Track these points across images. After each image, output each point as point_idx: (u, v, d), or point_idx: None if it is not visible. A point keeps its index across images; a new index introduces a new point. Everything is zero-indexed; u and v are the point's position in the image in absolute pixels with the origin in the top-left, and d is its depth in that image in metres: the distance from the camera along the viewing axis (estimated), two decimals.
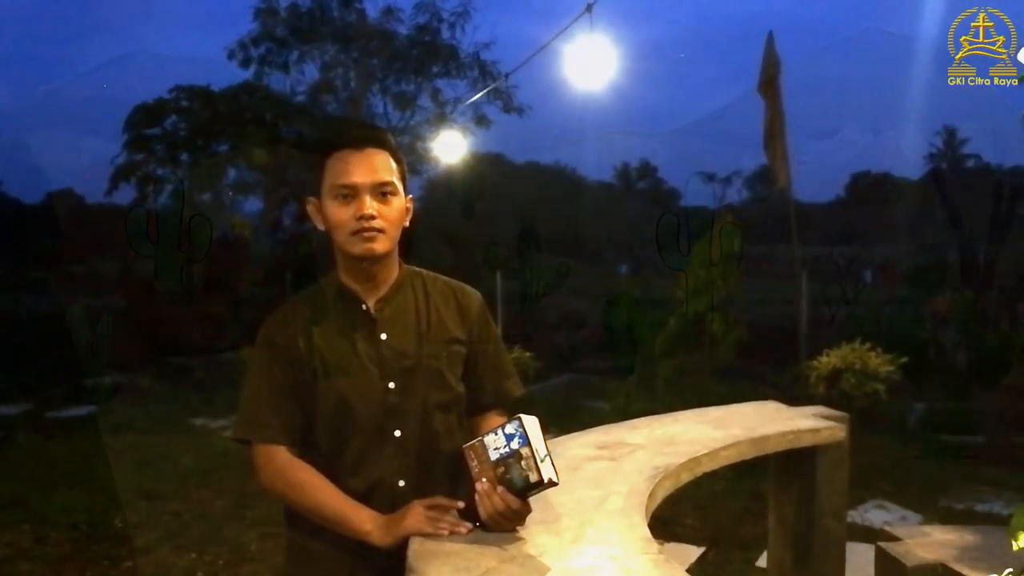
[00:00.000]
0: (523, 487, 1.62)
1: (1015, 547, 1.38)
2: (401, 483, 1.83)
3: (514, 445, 1.62)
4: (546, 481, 1.61)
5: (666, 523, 4.90)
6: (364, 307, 1.87)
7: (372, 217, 1.78)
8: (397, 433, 1.84)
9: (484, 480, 1.65)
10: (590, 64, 4.66)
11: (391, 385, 1.83)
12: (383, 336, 1.85)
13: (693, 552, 4.58)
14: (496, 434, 1.64)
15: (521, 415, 1.64)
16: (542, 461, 1.61)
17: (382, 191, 1.80)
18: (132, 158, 12.17)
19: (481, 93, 14.07)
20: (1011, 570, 1.41)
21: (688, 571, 1.57)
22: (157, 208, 12.95)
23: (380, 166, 1.81)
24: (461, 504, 1.71)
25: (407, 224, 1.89)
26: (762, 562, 4.11)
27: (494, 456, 1.64)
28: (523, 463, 1.61)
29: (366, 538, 1.73)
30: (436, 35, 15.57)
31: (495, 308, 9.33)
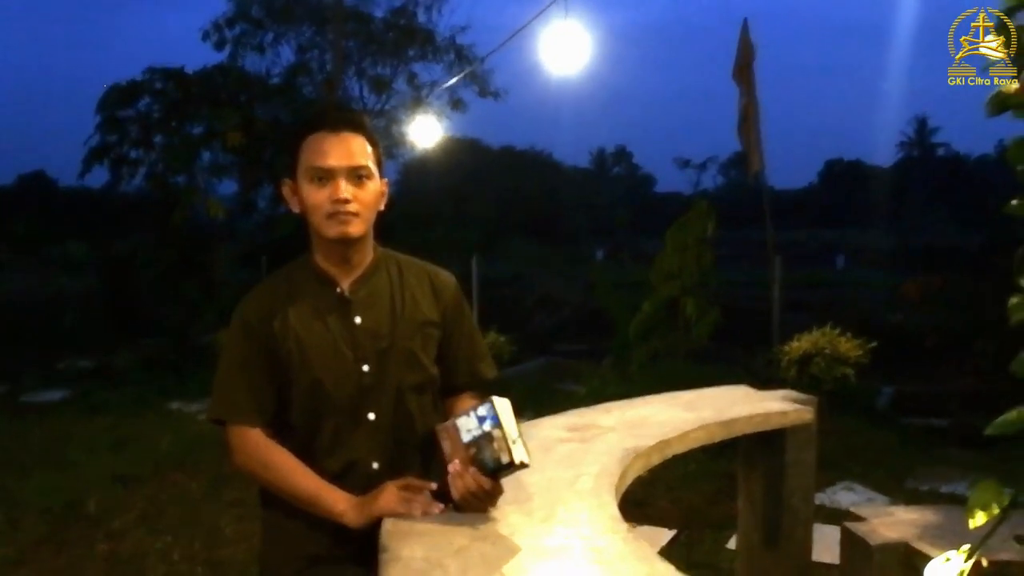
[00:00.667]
0: (495, 468, 1.65)
1: (972, 525, 1.43)
2: (375, 465, 1.86)
3: (486, 427, 1.65)
4: (517, 463, 1.64)
5: (638, 505, 4.96)
6: (339, 289, 1.88)
7: (347, 201, 1.79)
8: (371, 415, 1.86)
9: (456, 461, 1.67)
10: (566, 49, 4.68)
11: (365, 368, 1.85)
12: (357, 319, 1.87)
13: (665, 534, 4.63)
14: (468, 416, 1.67)
15: (493, 397, 1.67)
16: (513, 443, 1.64)
17: (357, 174, 1.82)
18: (105, 140, 12.03)
19: (457, 77, 14.05)
20: (968, 546, 1.45)
21: (660, 552, 1.61)
22: (131, 191, 12.85)
23: (356, 149, 1.82)
24: (434, 485, 1.74)
25: (383, 208, 1.91)
26: (733, 543, 4.18)
27: (466, 437, 1.67)
28: (495, 444, 1.64)
29: (340, 519, 1.76)
30: (412, 18, 15.55)
31: (470, 292, 9.35)
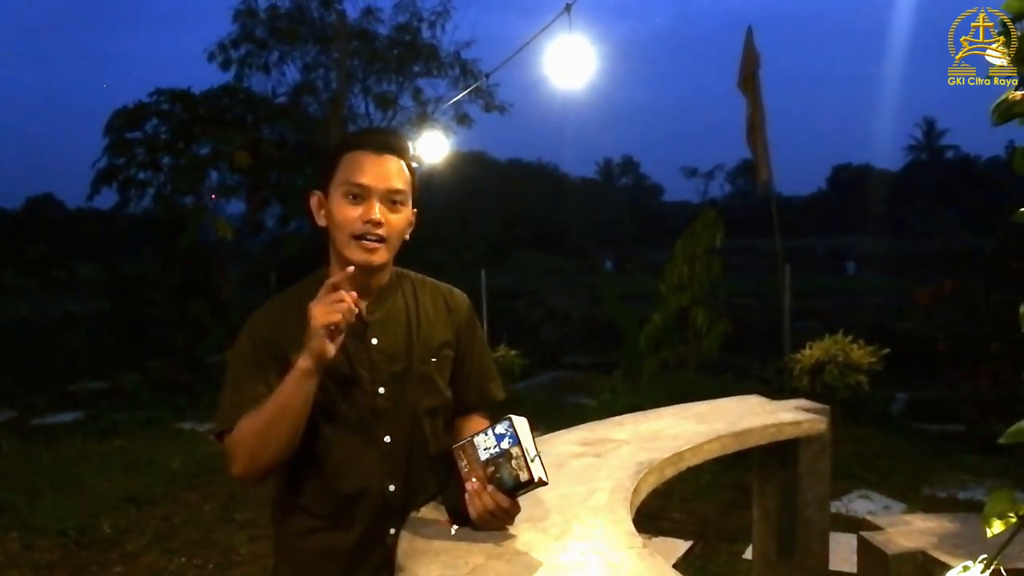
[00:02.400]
0: (513, 486, 1.64)
1: (989, 533, 1.41)
2: (391, 487, 1.84)
3: (504, 445, 1.64)
4: (536, 480, 1.63)
5: (653, 518, 4.94)
6: (355, 310, 1.86)
7: (379, 224, 1.76)
8: (387, 439, 1.84)
9: (474, 479, 1.66)
10: (571, 63, 4.68)
11: (381, 391, 1.83)
12: (374, 341, 1.84)
13: (681, 546, 4.61)
14: (486, 434, 1.66)
15: (511, 415, 1.67)
16: (532, 460, 1.63)
17: (392, 198, 1.79)
18: (113, 162, 12.09)
19: (463, 93, 14.03)
20: (984, 556, 1.43)
21: (675, 565, 1.60)
22: (139, 212, 12.90)
23: (395, 173, 1.79)
24: (355, 294, 1.68)
25: (407, 237, 1.87)
26: (748, 554, 4.16)
27: (484, 456, 1.66)
28: (513, 462, 1.63)
29: (304, 375, 1.66)
30: (416, 35, 15.53)
31: (480, 307, 9.35)
